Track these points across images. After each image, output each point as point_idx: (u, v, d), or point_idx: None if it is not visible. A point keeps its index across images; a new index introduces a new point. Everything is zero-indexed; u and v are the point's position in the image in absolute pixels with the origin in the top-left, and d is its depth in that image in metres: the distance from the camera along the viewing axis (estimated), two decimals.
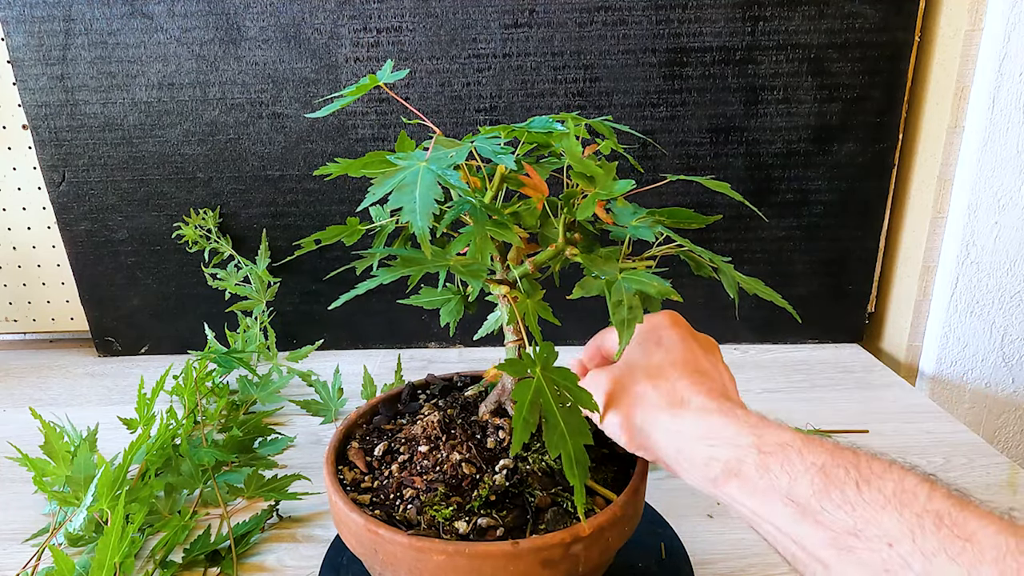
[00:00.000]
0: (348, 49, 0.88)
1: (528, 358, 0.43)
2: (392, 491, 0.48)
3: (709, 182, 0.48)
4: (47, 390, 0.93)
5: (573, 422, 0.41)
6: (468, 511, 0.46)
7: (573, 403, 0.42)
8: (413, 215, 0.37)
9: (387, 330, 1.02)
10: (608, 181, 0.42)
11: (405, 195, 0.38)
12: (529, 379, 0.42)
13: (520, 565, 0.41)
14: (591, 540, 0.43)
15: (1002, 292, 0.90)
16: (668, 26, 0.87)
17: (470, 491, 0.47)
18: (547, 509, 0.46)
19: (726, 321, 1.00)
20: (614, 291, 0.42)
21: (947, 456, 0.72)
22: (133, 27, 0.87)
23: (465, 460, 0.49)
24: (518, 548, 0.41)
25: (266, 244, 0.95)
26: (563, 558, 0.42)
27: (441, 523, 0.45)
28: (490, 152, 0.41)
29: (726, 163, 0.93)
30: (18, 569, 0.58)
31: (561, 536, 0.42)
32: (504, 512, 0.46)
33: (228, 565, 0.57)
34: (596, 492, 0.48)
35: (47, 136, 0.91)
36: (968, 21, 0.83)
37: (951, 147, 0.88)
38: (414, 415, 0.56)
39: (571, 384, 0.43)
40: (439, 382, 0.61)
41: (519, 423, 0.40)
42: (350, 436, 0.55)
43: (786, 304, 0.48)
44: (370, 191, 0.39)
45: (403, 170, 0.39)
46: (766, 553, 0.59)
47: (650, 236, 0.42)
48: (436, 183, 0.38)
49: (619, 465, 0.51)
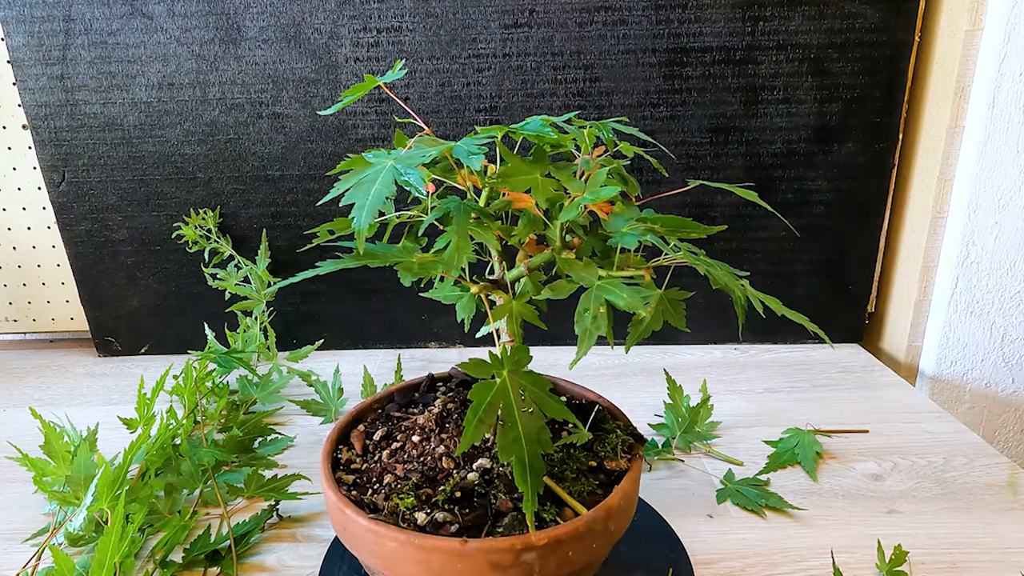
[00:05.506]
0: (348, 49, 0.88)
1: (496, 360, 0.42)
2: (375, 475, 0.49)
3: (740, 190, 0.47)
4: (47, 390, 0.93)
5: (533, 428, 0.41)
6: (432, 504, 0.46)
7: (536, 409, 0.41)
8: (359, 212, 0.37)
9: (387, 330, 1.02)
10: (595, 186, 0.42)
11: (360, 192, 0.38)
12: (491, 381, 0.41)
13: (468, 564, 0.41)
14: (546, 551, 0.42)
15: (1002, 292, 0.90)
16: (668, 26, 0.87)
17: (442, 485, 0.47)
18: (507, 513, 0.45)
19: (726, 321, 1.00)
20: (583, 299, 0.42)
21: (947, 456, 0.72)
22: (133, 27, 0.87)
23: (446, 454, 0.50)
24: (465, 547, 0.41)
25: (266, 244, 0.95)
26: (513, 564, 0.42)
27: (403, 511, 0.45)
28: (464, 153, 0.40)
29: (726, 163, 0.93)
30: (18, 569, 0.58)
31: (511, 542, 0.41)
32: (467, 510, 0.46)
33: (228, 565, 0.57)
34: (567, 503, 0.47)
35: (47, 136, 0.91)
36: (968, 21, 0.83)
37: (951, 147, 0.88)
38: (426, 406, 0.56)
39: (540, 390, 0.42)
40: (461, 375, 0.61)
41: (471, 423, 0.40)
42: (360, 419, 0.57)
43: (807, 321, 0.47)
44: (335, 186, 0.39)
45: (370, 167, 0.39)
46: (767, 553, 0.59)
47: (633, 244, 0.42)
48: (393, 182, 0.38)
49: (607, 479, 0.50)
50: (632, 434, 0.53)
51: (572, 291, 0.44)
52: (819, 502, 0.65)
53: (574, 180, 0.43)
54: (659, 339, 1.03)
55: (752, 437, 0.76)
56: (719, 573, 0.57)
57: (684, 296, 0.46)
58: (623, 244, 0.42)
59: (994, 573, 0.56)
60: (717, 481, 0.68)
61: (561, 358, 0.96)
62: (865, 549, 0.59)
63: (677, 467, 0.71)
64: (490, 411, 0.40)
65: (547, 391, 0.42)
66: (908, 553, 0.57)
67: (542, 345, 0.99)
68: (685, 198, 0.94)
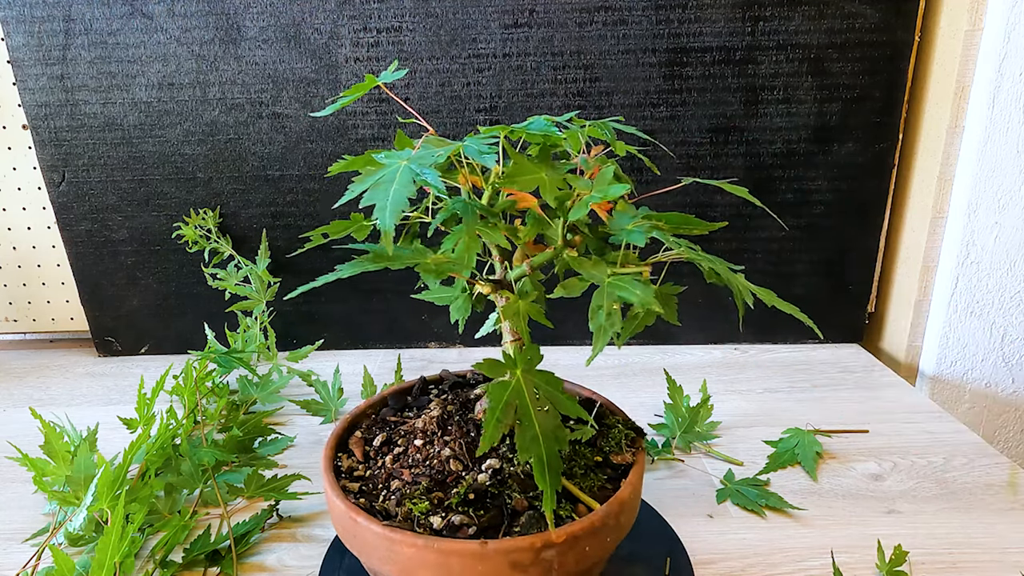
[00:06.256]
0: (348, 49, 0.88)
1: (509, 359, 0.42)
2: (381, 481, 0.49)
3: (731, 187, 0.48)
4: (47, 390, 0.93)
5: (549, 426, 0.41)
6: (446, 507, 0.46)
7: (552, 407, 0.41)
8: (383, 212, 0.37)
9: (387, 330, 1.02)
10: (603, 184, 0.42)
11: (379, 193, 0.38)
12: (507, 380, 0.42)
13: (488, 565, 0.41)
14: (564, 548, 0.42)
15: (1002, 292, 0.90)
16: (668, 26, 0.87)
17: (453, 487, 0.47)
18: (523, 512, 0.45)
19: (726, 321, 1.00)
20: (595, 296, 0.42)
21: (947, 456, 0.72)
22: (133, 27, 0.87)
23: (453, 457, 0.49)
24: (486, 548, 0.41)
25: (266, 244, 0.95)
26: (533, 563, 0.42)
27: (417, 516, 0.45)
28: (475, 152, 0.40)
29: (726, 163, 0.93)
30: (18, 569, 0.58)
31: (531, 540, 0.42)
32: (482, 511, 0.46)
33: (228, 565, 0.57)
34: (579, 500, 0.47)
35: (47, 136, 0.91)
36: (968, 21, 0.83)
37: (951, 147, 0.88)
38: (421, 409, 0.56)
39: (554, 388, 0.42)
40: (452, 378, 0.61)
41: (491, 424, 0.40)
42: (356, 425, 0.56)
43: (797, 311, 0.47)
44: (349, 188, 0.39)
45: (384, 168, 0.39)
46: (767, 553, 0.59)
47: (641, 241, 0.42)
48: (411, 182, 0.38)
49: (613, 474, 0.50)
50: (632, 427, 0.53)
51: (584, 289, 0.44)
52: (819, 502, 0.65)
53: (581, 179, 0.44)
54: (659, 339, 1.03)
55: (752, 437, 0.76)
56: (719, 573, 0.57)
57: (676, 291, 0.46)
58: (631, 241, 0.42)
59: (994, 573, 0.56)
60: (717, 481, 0.68)
61: (561, 358, 0.96)
62: (865, 549, 0.59)
63: (677, 467, 0.71)
64: (507, 411, 0.40)
65: (560, 389, 0.42)
66: (908, 553, 0.57)
67: (541, 345, 0.99)
68: (685, 198, 0.94)
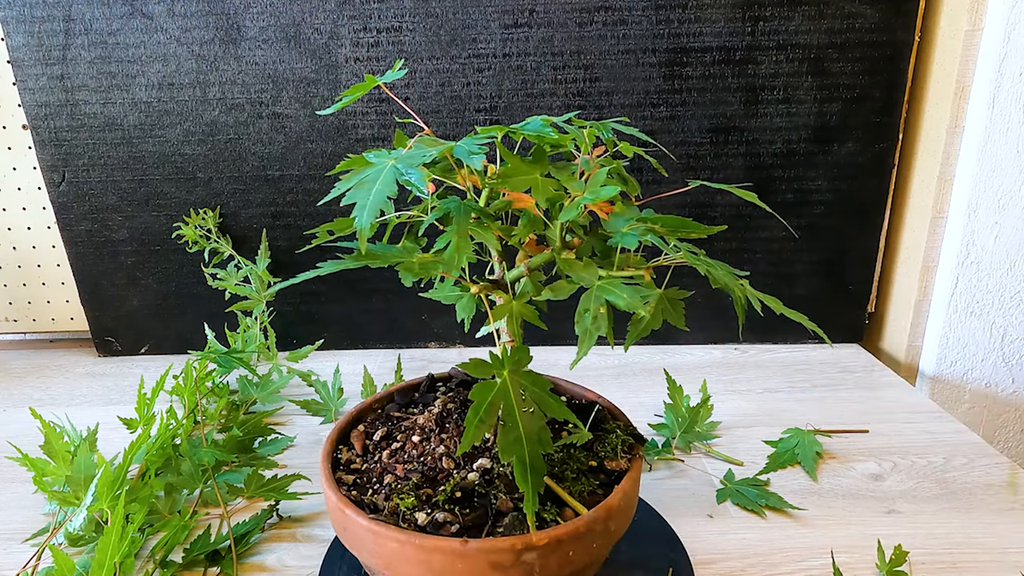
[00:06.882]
0: (348, 49, 0.88)
1: (496, 360, 0.42)
2: (375, 476, 0.49)
3: (739, 191, 0.47)
4: (47, 390, 0.93)
5: (534, 428, 0.41)
6: (432, 504, 0.46)
7: (537, 409, 0.41)
8: (361, 211, 0.37)
9: (387, 330, 1.02)
10: (595, 186, 0.42)
11: (361, 192, 0.38)
12: (491, 381, 0.41)
13: (468, 564, 0.42)
14: (547, 551, 0.42)
15: (1002, 292, 0.90)
16: (668, 26, 0.87)
17: (442, 485, 0.47)
18: (507, 513, 0.45)
19: (726, 321, 1.00)
20: (583, 299, 0.42)
21: (947, 456, 0.72)
22: (133, 27, 0.87)
23: (447, 454, 0.49)
24: (466, 547, 0.41)
25: (266, 244, 0.95)
26: (514, 564, 0.42)
27: (403, 512, 0.45)
28: (464, 153, 0.40)
29: (726, 163, 0.93)
30: (18, 569, 0.58)
31: (511, 542, 0.41)
32: (467, 510, 0.46)
33: (228, 565, 0.57)
34: (567, 504, 0.47)
35: (47, 136, 0.91)
36: (968, 21, 0.83)
37: (951, 147, 0.88)
38: (426, 406, 0.56)
39: (541, 390, 0.42)
40: (460, 375, 0.61)
41: (472, 424, 0.40)
42: (360, 419, 0.57)
43: (806, 320, 0.47)
44: (336, 186, 0.39)
45: (371, 167, 0.39)
46: (767, 553, 0.59)
47: (633, 244, 0.42)
48: (395, 182, 0.38)
49: (607, 479, 0.50)
50: (632, 434, 0.53)
51: (572, 291, 0.44)
52: (819, 502, 0.65)
53: (574, 180, 0.43)
54: (659, 339, 1.03)
55: (752, 437, 0.76)
56: (719, 573, 0.57)
57: (684, 295, 0.46)
58: (623, 244, 0.42)
59: (994, 573, 0.56)
60: (717, 481, 0.68)
61: (561, 358, 0.96)
62: (865, 549, 0.59)
63: (677, 467, 0.71)
64: (491, 411, 0.40)
65: (547, 391, 0.42)
66: (908, 553, 0.57)
67: (542, 345, 0.99)
68: (685, 198, 0.94)
